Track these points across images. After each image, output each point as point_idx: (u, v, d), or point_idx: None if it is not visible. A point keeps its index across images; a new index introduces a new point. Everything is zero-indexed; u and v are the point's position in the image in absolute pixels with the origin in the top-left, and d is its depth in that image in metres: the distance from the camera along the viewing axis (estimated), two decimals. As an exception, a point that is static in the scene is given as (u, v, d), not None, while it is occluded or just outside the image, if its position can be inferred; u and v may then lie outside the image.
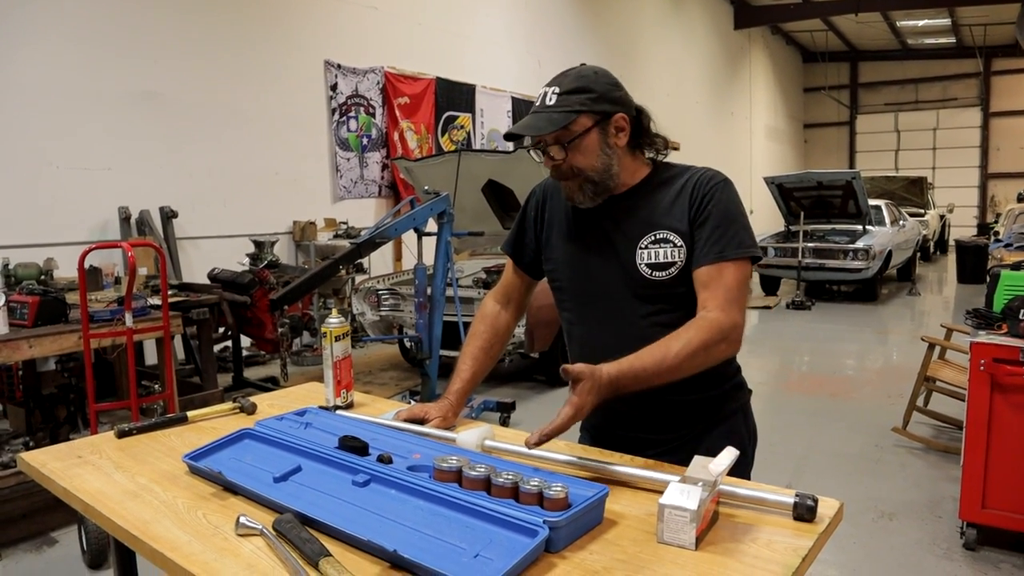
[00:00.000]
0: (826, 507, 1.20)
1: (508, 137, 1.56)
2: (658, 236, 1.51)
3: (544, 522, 1.03)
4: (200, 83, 6.47)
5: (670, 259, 1.50)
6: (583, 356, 1.62)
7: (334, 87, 7.79)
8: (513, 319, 1.79)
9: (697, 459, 1.18)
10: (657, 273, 1.51)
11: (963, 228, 18.19)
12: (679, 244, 1.50)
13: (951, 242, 15.10)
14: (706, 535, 1.11)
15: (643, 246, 1.52)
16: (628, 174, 1.56)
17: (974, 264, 11.46)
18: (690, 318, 1.53)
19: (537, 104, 1.51)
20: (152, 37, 6.08)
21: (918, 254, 12.70)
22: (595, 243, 1.57)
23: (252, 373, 6.05)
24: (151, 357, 5.34)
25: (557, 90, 1.49)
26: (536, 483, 1.11)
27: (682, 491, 1.08)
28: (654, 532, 1.10)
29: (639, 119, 1.57)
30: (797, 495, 1.18)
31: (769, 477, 1.25)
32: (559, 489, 1.09)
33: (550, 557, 1.04)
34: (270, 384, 5.25)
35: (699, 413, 1.60)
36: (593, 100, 1.49)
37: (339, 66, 7.81)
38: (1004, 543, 3.07)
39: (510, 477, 1.13)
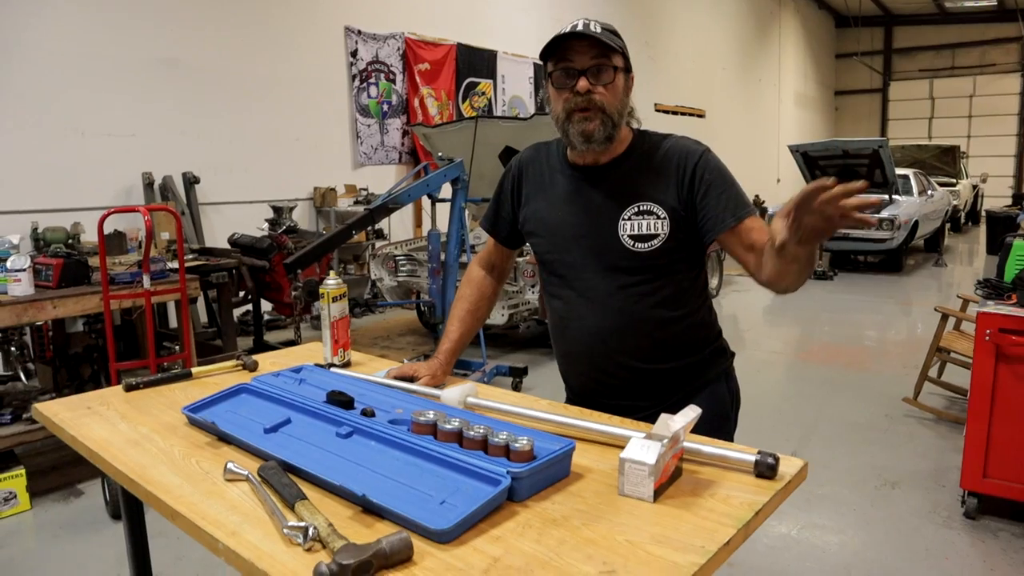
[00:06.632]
0: (789, 466, 1.24)
1: (559, 40, 1.46)
2: (641, 208, 1.53)
3: (508, 472, 1.09)
4: (222, 50, 6.53)
5: (653, 231, 1.52)
6: (561, 325, 1.67)
7: (354, 53, 7.80)
8: (498, 283, 1.85)
9: (663, 417, 1.22)
10: (640, 244, 1.53)
11: (998, 199, 17.76)
12: (662, 216, 1.52)
13: (983, 213, 14.77)
14: (667, 489, 1.16)
15: (626, 217, 1.53)
16: (620, 136, 1.57)
17: (1004, 235, 11.21)
18: (670, 290, 1.57)
19: (579, 27, 1.46)
20: (173, 3, 6.14)
21: (947, 225, 12.47)
22: (578, 215, 1.59)
23: (273, 336, 6.19)
24: (175, 320, 5.49)
25: (600, 24, 1.49)
26: (504, 436, 1.16)
27: (642, 446, 1.13)
28: (617, 486, 1.16)
29: None
30: (759, 453, 1.22)
31: (776, 444, 1.28)
32: (525, 442, 1.15)
33: (513, 506, 1.10)
34: (289, 346, 5.37)
35: (681, 379, 1.63)
36: (624, 50, 1.51)
37: (359, 32, 7.81)
38: (1004, 512, 3.09)
39: (480, 431, 1.19)
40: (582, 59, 1.47)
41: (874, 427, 4.24)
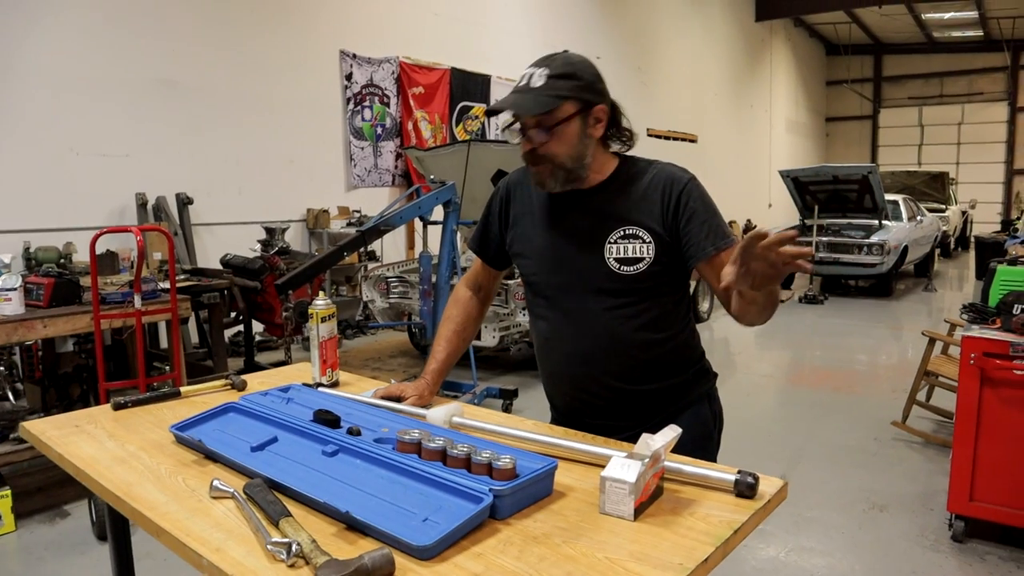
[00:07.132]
0: (769, 485, 1.26)
1: (490, 113, 1.60)
2: (627, 232, 1.55)
3: (490, 490, 1.10)
4: (217, 72, 6.59)
5: (639, 254, 1.55)
6: (547, 346, 1.69)
7: (349, 76, 7.88)
8: (484, 304, 1.87)
9: (644, 437, 1.24)
10: (625, 268, 1.55)
11: (987, 224, 17.93)
12: (648, 240, 1.54)
13: (972, 238, 14.92)
14: (647, 508, 1.18)
15: (612, 241, 1.56)
16: (598, 166, 1.59)
17: (991, 260, 11.33)
18: (654, 312, 1.59)
19: (522, 83, 1.50)
20: (170, 25, 6.21)
21: (937, 250, 12.58)
22: (564, 237, 1.61)
23: (265, 357, 6.18)
24: (166, 340, 5.48)
25: (547, 72, 1.49)
26: (487, 455, 1.18)
27: (623, 465, 1.15)
28: (598, 504, 1.17)
29: (613, 113, 1.59)
30: (739, 472, 1.24)
31: (765, 466, 1.30)
32: (507, 461, 1.16)
33: (495, 523, 1.11)
34: (279, 367, 5.36)
35: (665, 400, 1.65)
36: (580, 88, 1.50)
37: (354, 56, 7.90)
38: (991, 535, 3.10)
39: (464, 449, 1.20)
40: (526, 116, 1.50)
41: (863, 450, 4.25)
